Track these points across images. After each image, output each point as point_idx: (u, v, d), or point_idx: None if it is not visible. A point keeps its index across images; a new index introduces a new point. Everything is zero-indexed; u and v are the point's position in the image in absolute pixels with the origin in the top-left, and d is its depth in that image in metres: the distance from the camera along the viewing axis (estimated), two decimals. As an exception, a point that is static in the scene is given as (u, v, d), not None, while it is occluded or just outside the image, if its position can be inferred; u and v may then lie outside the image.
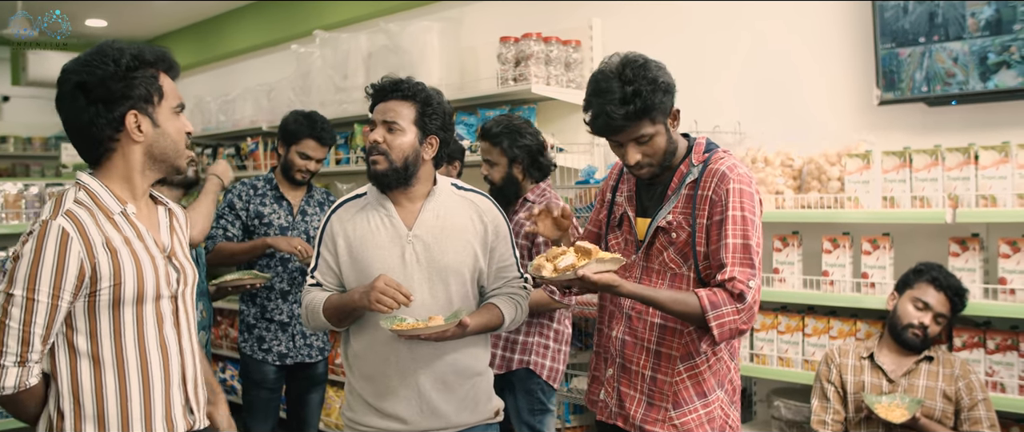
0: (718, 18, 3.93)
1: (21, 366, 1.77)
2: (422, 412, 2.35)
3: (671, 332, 2.20)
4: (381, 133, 2.34)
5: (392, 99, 2.37)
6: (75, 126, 1.86)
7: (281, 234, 3.59)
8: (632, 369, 2.25)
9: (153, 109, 1.87)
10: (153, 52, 1.89)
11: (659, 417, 2.20)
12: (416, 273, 2.34)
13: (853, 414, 2.88)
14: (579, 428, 4.17)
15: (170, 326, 1.93)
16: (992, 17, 3.01)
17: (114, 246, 1.81)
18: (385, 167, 2.33)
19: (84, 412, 1.83)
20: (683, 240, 2.17)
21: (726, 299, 2.08)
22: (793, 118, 3.66)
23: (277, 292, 3.60)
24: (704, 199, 2.15)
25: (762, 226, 2.19)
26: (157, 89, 1.87)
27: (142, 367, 1.87)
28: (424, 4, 5.39)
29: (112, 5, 7.44)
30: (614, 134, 2.16)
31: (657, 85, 2.10)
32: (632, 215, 2.29)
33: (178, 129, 1.92)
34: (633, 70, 2.10)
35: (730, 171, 2.14)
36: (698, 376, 2.20)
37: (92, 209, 1.82)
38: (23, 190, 4.34)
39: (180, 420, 1.95)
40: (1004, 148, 2.86)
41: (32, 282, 1.73)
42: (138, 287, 1.84)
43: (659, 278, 2.21)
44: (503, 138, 3.23)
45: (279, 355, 3.62)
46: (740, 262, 2.09)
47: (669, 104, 2.15)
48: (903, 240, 3.25)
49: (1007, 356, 2.89)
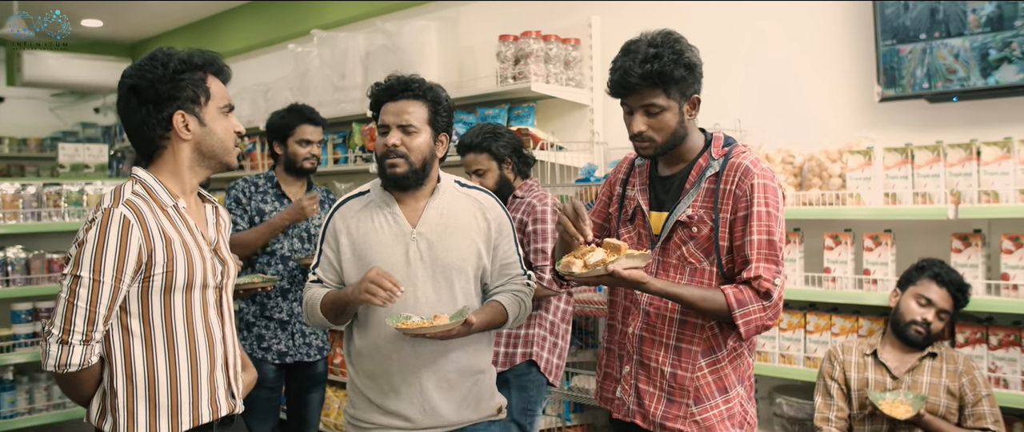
0: (719, 16, 3.93)
1: (86, 345, 1.89)
2: (425, 411, 2.34)
3: (691, 327, 2.18)
4: (398, 136, 2.33)
5: (403, 99, 2.35)
6: (130, 126, 2.02)
7: (284, 233, 3.60)
8: (651, 366, 2.22)
9: (200, 109, 2.01)
10: (202, 56, 2.02)
11: (680, 414, 2.18)
12: (420, 271, 2.33)
13: (857, 411, 2.88)
14: (580, 427, 4.16)
15: (214, 314, 2.06)
16: (993, 13, 3.01)
17: (168, 236, 1.95)
18: (406, 170, 2.33)
19: (136, 391, 1.96)
20: (705, 235, 2.15)
21: (752, 297, 2.08)
22: (794, 115, 3.66)
23: (276, 290, 3.59)
24: (727, 193, 2.13)
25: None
26: (205, 91, 2.01)
27: (190, 350, 2.00)
28: (422, 3, 5.38)
29: (109, 5, 7.42)
30: (627, 93, 2.14)
31: (681, 59, 2.09)
32: (646, 208, 2.27)
33: (226, 128, 2.06)
34: (664, 38, 2.11)
35: (754, 166, 2.13)
36: (719, 371, 2.18)
37: (148, 201, 1.96)
38: (20, 190, 4.31)
39: (223, 402, 2.08)
40: (1006, 144, 2.86)
41: (98, 264, 1.86)
42: (188, 275, 1.97)
43: (677, 273, 2.19)
44: (487, 142, 3.27)
45: (279, 354, 3.61)
46: (765, 259, 2.09)
47: (690, 85, 2.13)
48: (905, 236, 3.24)
49: (1010, 352, 2.89)
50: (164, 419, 1.97)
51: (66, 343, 1.87)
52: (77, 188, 4.48)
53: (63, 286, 1.90)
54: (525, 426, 3.27)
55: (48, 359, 1.89)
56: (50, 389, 4.38)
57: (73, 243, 1.93)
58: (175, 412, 1.98)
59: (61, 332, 1.87)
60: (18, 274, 4.22)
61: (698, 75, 2.16)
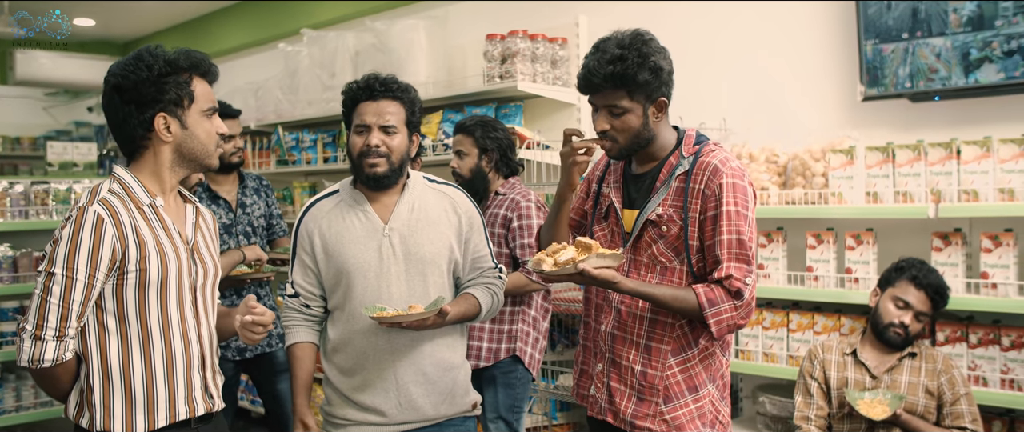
0: (704, 15, 3.94)
1: (59, 340, 1.91)
2: (400, 405, 2.35)
3: (662, 326, 2.19)
4: (379, 136, 2.34)
5: (383, 99, 2.37)
6: (112, 124, 2.04)
7: (225, 232, 3.57)
8: (622, 364, 2.24)
9: (183, 112, 2.02)
10: (189, 58, 2.02)
11: (649, 412, 2.19)
12: (393, 266, 2.35)
13: (836, 410, 2.89)
14: (566, 425, 4.17)
15: (191, 314, 2.07)
16: (974, 13, 3.02)
17: (141, 234, 1.96)
18: (387, 169, 2.35)
19: (113, 386, 1.98)
20: (674, 234, 2.16)
21: (724, 296, 2.09)
22: (778, 114, 3.67)
23: (231, 289, 3.58)
24: (696, 192, 2.13)
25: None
26: (188, 94, 2.02)
27: (166, 347, 2.02)
28: (410, 2, 5.39)
29: (100, 5, 7.41)
30: (590, 92, 2.17)
31: (646, 62, 2.10)
32: (619, 206, 2.27)
33: (208, 131, 2.06)
34: (632, 40, 2.12)
35: (722, 165, 2.13)
36: (689, 370, 2.19)
37: (124, 199, 1.98)
38: (8, 188, 4.31)
39: (200, 401, 2.09)
40: (986, 143, 2.87)
41: (71, 262, 1.89)
42: (162, 272, 1.98)
43: (648, 271, 2.20)
44: (476, 128, 3.34)
45: (238, 349, 3.61)
46: (736, 258, 2.09)
47: (655, 89, 2.14)
48: (887, 235, 3.26)
49: (989, 350, 2.90)
50: (140, 415, 1.98)
51: (39, 339, 1.90)
52: (65, 186, 4.48)
53: (38, 283, 1.92)
54: (512, 423, 3.28)
55: (22, 355, 1.91)
56: (38, 387, 4.38)
57: (50, 241, 1.95)
58: (152, 408, 1.99)
59: (34, 328, 1.90)
60: (5, 272, 4.22)
61: (665, 79, 2.16)
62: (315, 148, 5.40)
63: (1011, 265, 2.86)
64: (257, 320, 2.07)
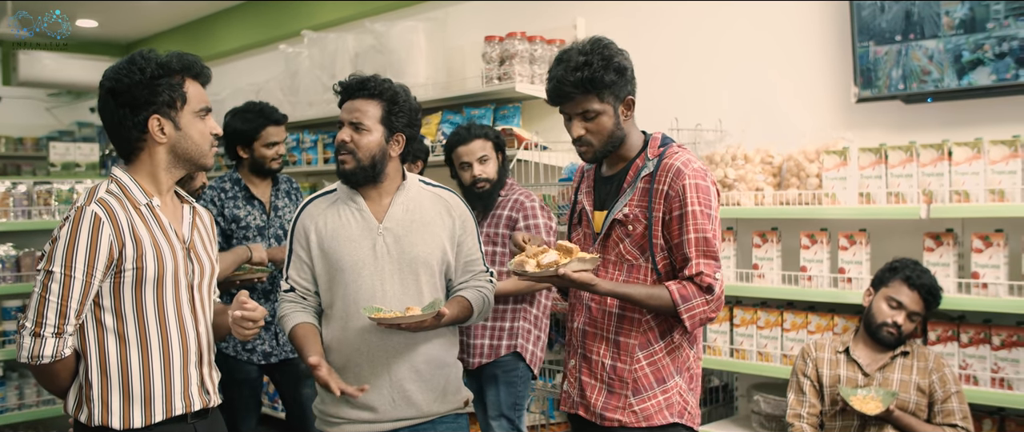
0: (700, 17, 3.97)
1: (58, 337, 1.96)
2: (395, 402, 2.39)
3: (629, 321, 2.26)
4: (348, 133, 2.40)
5: (358, 98, 2.42)
6: (108, 126, 2.08)
7: (259, 234, 3.61)
8: (593, 358, 2.31)
9: (176, 114, 2.05)
10: (181, 60, 2.05)
11: (619, 404, 2.26)
12: (387, 265, 2.38)
13: (828, 407, 2.92)
14: (563, 424, 4.21)
15: (188, 312, 2.11)
16: (966, 16, 3.06)
17: (138, 233, 2.00)
18: (353, 166, 2.39)
19: (110, 382, 2.01)
20: (640, 233, 2.23)
21: (696, 292, 2.17)
22: (773, 116, 3.70)
23: (260, 292, 3.62)
24: (660, 194, 2.20)
25: (741, 222, 2.24)
26: (181, 95, 2.05)
27: (163, 344, 2.06)
28: (410, 4, 5.43)
29: (102, 5, 7.47)
30: (562, 102, 2.24)
31: (610, 63, 2.18)
32: (590, 209, 2.36)
33: (202, 132, 2.09)
34: (593, 46, 2.21)
35: (685, 167, 2.19)
36: (656, 363, 2.26)
37: (121, 199, 2.03)
38: (11, 188, 4.35)
39: (196, 396, 2.13)
40: (977, 144, 2.90)
41: (69, 260, 1.93)
42: (158, 270, 2.02)
43: (616, 269, 2.27)
44: (489, 132, 3.36)
45: (263, 354, 3.64)
46: (704, 255, 2.18)
47: (622, 88, 2.22)
48: (879, 236, 3.29)
49: (980, 349, 2.94)
50: (137, 410, 2.03)
51: (38, 336, 1.94)
52: (67, 187, 4.51)
53: (37, 281, 1.96)
54: (514, 420, 3.31)
55: (22, 351, 1.96)
56: (40, 385, 4.42)
57: (49, 240, 1.99)
58: (148, 403, 2.04)
59: (34, 325, 1.94)
60: (8, 272, 4.26)
61: (629, 78, 2.24)
62: (316, 149, 5.44)
63: (1001, 265, 2.90)
64: (247, 315, 2.09)
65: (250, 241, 3.56)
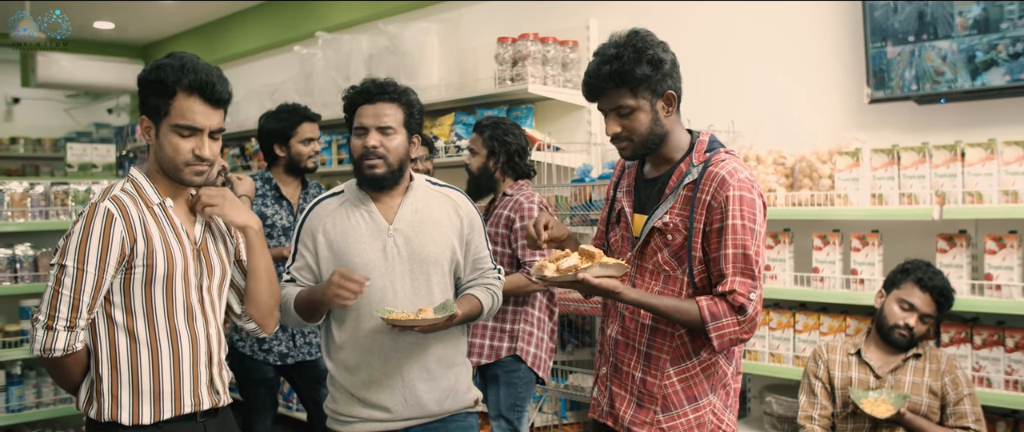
0: (713, 18, 3.97)
1: (70, 331, 2.00)
2: (406, 402, 2.40)
3: (661, 335, 2.16)
4: (377, 137, 2.39)
5: (380, 101, 2.41)
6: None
7: (283, 234, 3.64)
8: (623, 369, 2.23)
9: (159, 121, 2.08)
10: (176, 71, 2.03)
11: (647, 419, 2.17)
12: (398, 266, 2.40)
13: (840, 409, 2.91)
14: (575, 425, 4.21)
15: (198, 312, 2.15)
16: (980, 16, 3.04)
17: (149, 231, 2.05)
18: (384, 170, 2.39)
19: (120, 378, 2.06)
20: (679, 243, 2.11)
21: (727, 310, 2.05)
22: (786, 117, 3.69)
23: None
24: (702, 203, 2.07)
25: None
26: (165, 105, 2.05)
27: (173, 342, 2.09)
28: (424, 6, 5.45)
29: (119, 7, 7.53)
30: (595, 97, 2.14)
31: (643, 56, 2.05)
32: (629, 211, 2.25)
33: (175, 147, 2.06)
34: (627, 38, 2.09)
35: (730, 176, 2.06)
36: (689, 380, 2.15)
37: (135, 197, 2.08)
38: (29, 189, 4.39)
39: (205, 395, 2.16)
40: (990, 145, 2.89)
41: (82, 255, 1.98)
42: (168, 269, 2.06)
43: (652, 279, 2.17)
44: (487, 129, 3.42)
45: (280, 355, 3.66)
46: (741, 273, 2.04)
47: (658, 82, 2.09)
48: (892, 237, 3.28)
49: (993, 351, 2.92)
50: (146, 406, 2.06)
51: (51, 328, 1.99)
52: (84, 187, 4.56)
53: (50, 275, 2.01)
54: (513, 421, 3.32)
55: (35, 343, 2.00)
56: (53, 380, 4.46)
57: (63, 236, 2.03)
58: (157, 400, 2.07)
59: (46, 318, 1.99)
60: (26, 271, 4.30)
61: (668, 71, 2.10)
62: (330, 150, 5.47)
63: (1015, 267, 2.88)
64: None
65: (273, 241, 3.60)
